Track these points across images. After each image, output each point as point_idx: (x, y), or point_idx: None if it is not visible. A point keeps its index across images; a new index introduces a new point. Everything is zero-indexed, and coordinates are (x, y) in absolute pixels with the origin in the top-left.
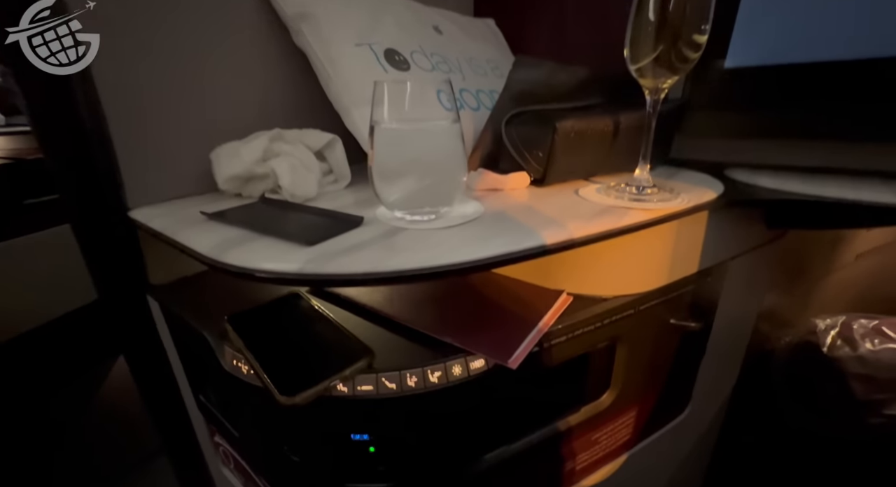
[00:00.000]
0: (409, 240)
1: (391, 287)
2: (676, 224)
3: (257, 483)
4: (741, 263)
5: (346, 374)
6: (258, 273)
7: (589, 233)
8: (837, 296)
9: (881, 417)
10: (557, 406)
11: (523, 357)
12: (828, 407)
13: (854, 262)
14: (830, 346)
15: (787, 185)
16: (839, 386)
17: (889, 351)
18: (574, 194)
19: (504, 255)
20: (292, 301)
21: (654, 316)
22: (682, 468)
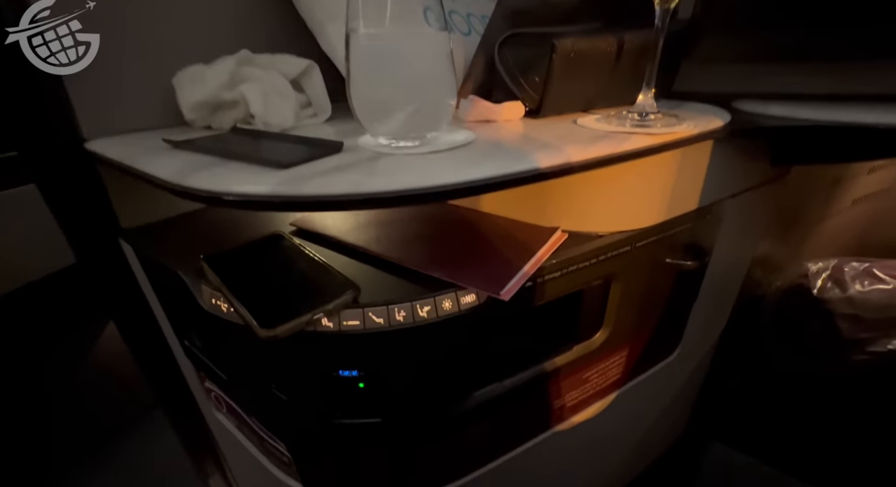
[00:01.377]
0: (392, 164)
1: (379, 225)
2: (679, 155)
3: (250, 424)
4: (741, 203)
5: (329, 308)
6: (226, 196)
7: (588, 158)
8: (832, 242)
9: (865, 354)
10: (550, 345)
11: (516, 289)
12: (815, 347)
13: (850, 208)
14: (821, 289)
15: (799, 113)
16: (827, 327)
17: (877, 292)
18: (572, 124)
19: (494, 178)
20: (274, 241)
21: (650, 255)
22: (668, 409)
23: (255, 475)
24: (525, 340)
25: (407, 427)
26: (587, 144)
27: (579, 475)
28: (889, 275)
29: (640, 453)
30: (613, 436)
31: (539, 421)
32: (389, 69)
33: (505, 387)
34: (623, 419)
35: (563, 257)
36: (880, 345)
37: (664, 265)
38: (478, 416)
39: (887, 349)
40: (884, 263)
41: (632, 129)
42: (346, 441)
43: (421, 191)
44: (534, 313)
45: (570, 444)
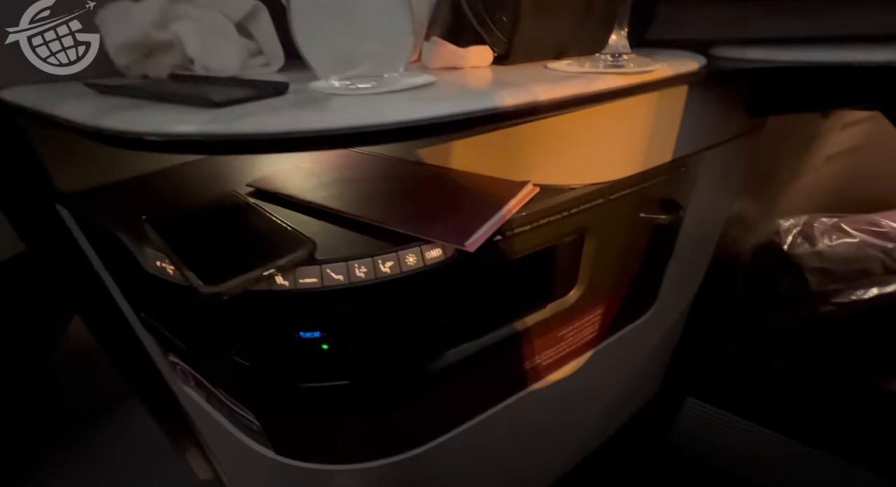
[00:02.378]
0: (341, 103)
1: (344, 184)
2: (654, 101)
3: (217, 396)
4: (716, 156)
5: (281, 264)
6: (147, 136)
7: (555, 96)
8: (806, 199)
9: (832, 305)
10: (524, 303)
11: (481, 241)
12: (786, 301)
13: (824, 165)
14: (791, 244)
15: (776, 56)
16: (797, 281)
17: (845, 245)
18: (543, 68)
19: (450, 116)
20: (225, 201)
21: (623, 208)
22: (644, 366)
23: (230, 447)
24: (499, 298)
25: (376, 390)
26: (555, 84)
27: (557, 432)
28: (856, 229)
29: (617, 410)
30: (590, 394)
31: (515, 380)
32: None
33: (479, 346)
34: (599, 376)
35: (533, 210)
36: (844, 297)
37: (638, 219)
38: (451, 376)
39: (850, 299)
40: (852, 218)
41: (605, 70)
42: (314, 405)
43: (370, 129)
44: (506, 269)
45: (547, 402)
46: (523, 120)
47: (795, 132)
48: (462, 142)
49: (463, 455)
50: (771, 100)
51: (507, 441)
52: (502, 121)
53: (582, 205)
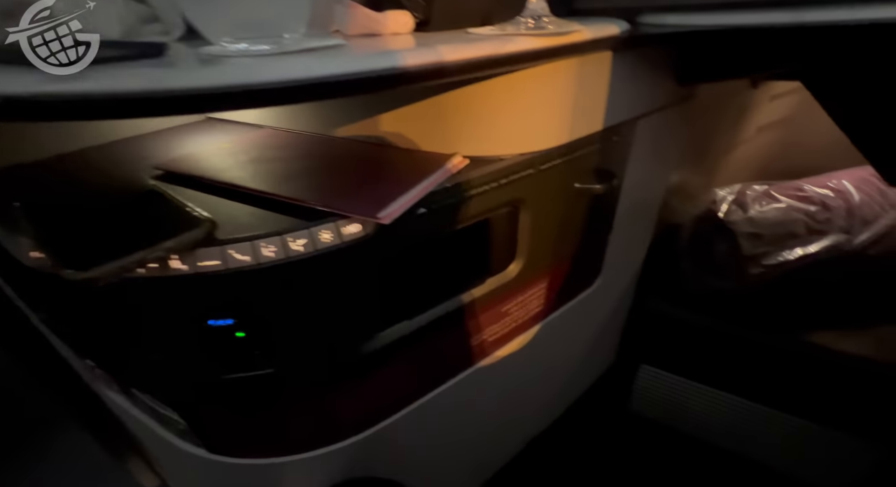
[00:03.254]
0: (220, 64)
1: (260, 163)
2: (578, 68)
3: (138, 396)
4: (650, 125)
5: (169, 246)
6: None
7: (464, 57)
8: (741, 169)
9: (762, 267)
10: (461, 279)
11: (398, 213)
12: (722, 265)
13: (756, 136)
14: (726, 211)
15: (698, 20)
16: (731, 246)
17: (773, 210)
18: (464, 33)
19: (342, 75)
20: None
21: (557, 179)
22: (596, 337)
23: (166, 451)
24: (434, 274)
25: (307, 376)
26: (466, 45)
27: (514, 406)
28: (783, 195)
29: (575, 380)
30: (543, 367)
31: (461, 358)
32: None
33: (416, 325)
34: (551, 349)
35: (460, 181)
36: (773, 258)
37: (573, 190)
38: (389, 357)
39: (778, 260)
40: (780, 185)
41: (525, 32)
42: (240, 398)
43: (239, 89)
44: (438, 244)
45: (498, 378)
46: (433, 82)
47: (727, 104)
48: (388, 116)
49: (415, 436)
50: (697, 68)
51: (462, 419)
52: (406, 83)
53: (512, 175)
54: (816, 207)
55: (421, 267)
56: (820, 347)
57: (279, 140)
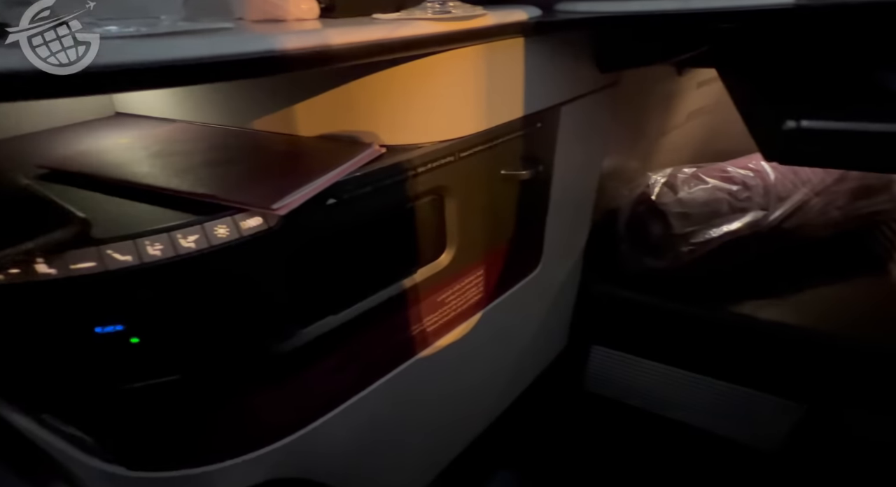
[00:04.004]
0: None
1: (159, 157)
2: (489, 54)
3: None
4: (575, 111)
5: (28, 248)
6: None
7: (350, 41)
8: (674, 154)
9: (690, 245)
10: (388, 270)
11: (296, 204)
12: (655, 245)
13: (686, 122)
14: (658, 194)
15: (607, 7)
16: (663, 226)
17: (700, 191)
18: (370, 19)
19: (208, 58)
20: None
21: (481, 166)
22: (543, 322)
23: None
24: (359, 266)
25: (217, 381)
26: (357, 29)
27: (458, 399)
28: (709, 177)
29: (523, 368)
30: (491, 352)
31: (395, 352)
32: None
33: (343, 319)
34: (495, 337)
35: (374, 169)
36: (701, 236)
37: (501, 177)
38: (314, 354)
39: (705, 238)
40: (707, 167)
41: (429, 16)
42: (147, 409)
43: (97, 70)
44: (361, 235)
45: (439, 370)
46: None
47: (654, 90)
48: (304, 106)
49: (353, 435)
50: (615, 55)
51: (404, 413)
52: (285, 68)
53: (431, 163)
54: (738, 187)
55: (343, 259)
56: (745, 316)
57: (187, 134)
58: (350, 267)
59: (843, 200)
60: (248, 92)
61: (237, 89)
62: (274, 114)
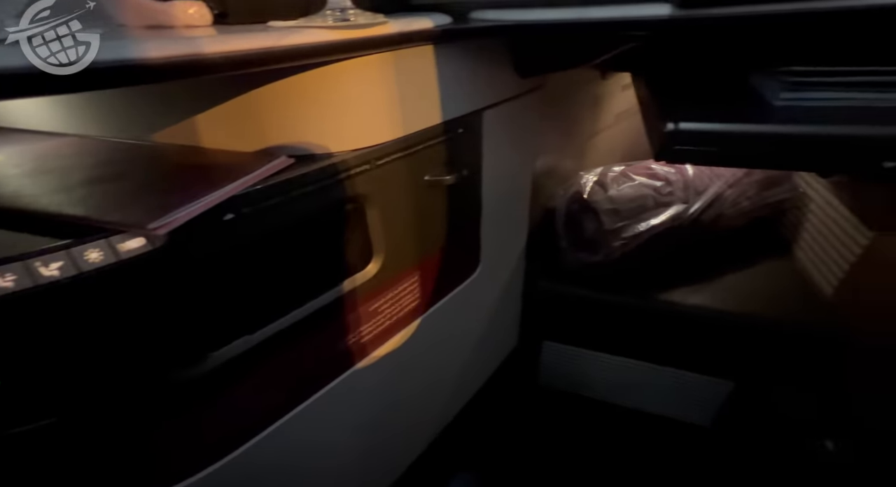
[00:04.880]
0: None
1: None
2: (397, 61)
3: None
4: (500, 115)
5: None
6: None
7: (227, 49)
8: (605, 154)
9: (621, 240)
10: (310, 284)
11: (180, 222)
12: (589, 241)
13: (615, 122)
14: (590, 192)
15: (512, 17)
16: (596, 222)
17: (628, 188)
18: (266, 26)
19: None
20: None
21: (402, 172)
22: (490, 322)
23: None
24: (275, 282)
25: (109, 418)
26: (240, 37)
27: (406, 407)
28: (636, 174)
29: (474, 370)
30: (433, 360)
31: (327, 366)
32: None
33: (261, 338)
34: (439, 342)
35: (278, 181)
36: (630, 230)
37: (425, 182)
38: (229, 377)
39: (634, 232)
40: (634, 166)
41: (327, 24)
42: (31, 454)
43: None
44: (274, 249)
45: (379, 380)
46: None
47: (581, 93)
48: (204, 117)
49: (289, 455)
50: (532, 61)
51: (345, 427)
52: (143, 80)
53: (344, 172)
54: (661, 183)
55: (253, 274)
56: (674, 303)
57: (73, 149)
58: (264, 283)
59: (752, 191)
60: (145, 100)
61: (133, 98)
62: (175, 124)
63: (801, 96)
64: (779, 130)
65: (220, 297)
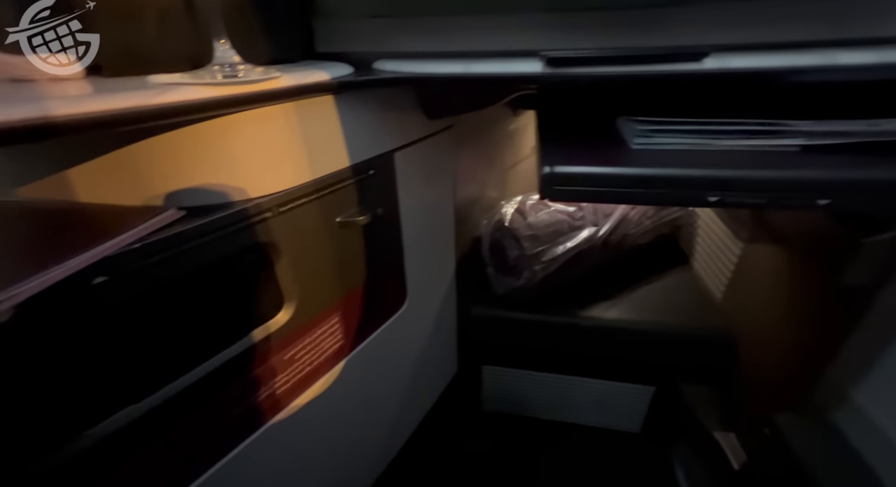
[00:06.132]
0: None
1: None
2: (295, 111)
3: None
4: (412, 154)
5: None
6: None
7: (84, 112)
8: (526, 182)
9: (541, 263)
10: (210, 339)
11: (28, 294)
12: (513, 266)
13: (532, 153)
14: (511, 220)
15: (414, 68)
16: (518, 248)
17: (545, 214)
18: (143, 80)
19: None
20: None
21: (310, 217)
22: (428, 351)
23: None
24: (168, 342)
25: None
26: (112, 95)
27: (341, 449)
28: (552, 202)
29: (413, 402)
30: (364, 400)
31: (240, 422)
32: None
33: (150, 405)
34: (369, 380)
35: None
36: (549, 254)
37: (338, 224)
38: (113, 452)
39: (553, 256)
40: None
41: (220, 81)
42: None
43: None
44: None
45: (305, 427)
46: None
47: (494, 128)
48: (80, 170)
49: None
50: (438, 104)
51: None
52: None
53: (242, 221)
54: (574, 208)
55: (138, 338)
56: (595, 318)
57: None
58: (150, 345)
59: (651, 211)
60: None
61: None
62: (48, 177)
63: (650, 141)
64: (632, 172)
65: (93, 366)
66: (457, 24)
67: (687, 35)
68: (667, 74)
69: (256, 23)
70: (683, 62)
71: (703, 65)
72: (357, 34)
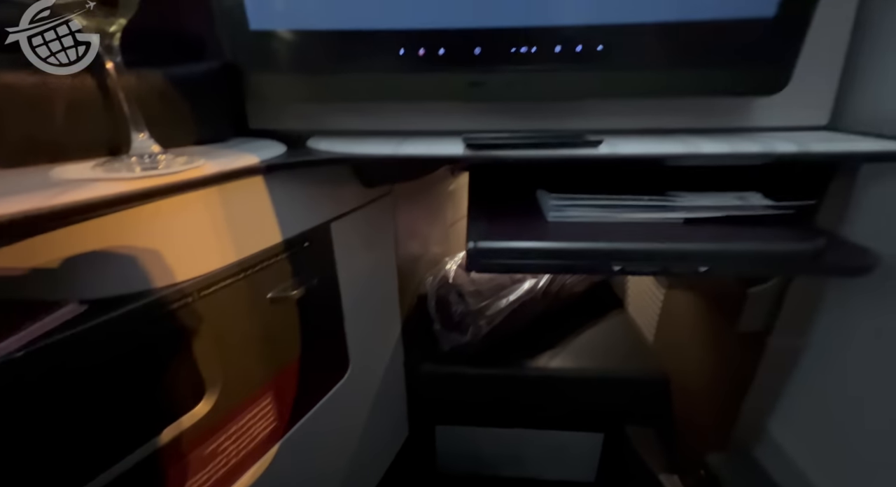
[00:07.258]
0: None
1: None
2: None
3: None
4: (350, 223)
5: None
6: None
7: None
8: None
9: (485, 317)
10: (108, 447)
11: None
12: (458, 321)
13: None
14: (454, 276)
15: (354, 149)
16: (462, 303)
17: None
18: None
19: None
20: None
21: (237, 296)
22: (376, 417)
23: None
24: (57, 453)
25: None
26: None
27: None
28: None
29: (365, 470)
30: (308, 481)
31: None
32: None
33: None
34: (316, 456)
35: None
36: (493, 308)
37: (269, 300)
38: None
39: (496, 309)
40: None
41: (138, 174)
42: None
43: None
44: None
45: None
46: None
47: (434, 190)
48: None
49: None
50: (372, 176)
51: None
52: None
53: (156, 310)
54: None
55: (26, 446)
56: (540, 368)
57: None
58: (39, 454)
59: None
60: None
61: None
62: None
63: (563, 214)
64: (547, 246)
65: None
66: (386, 108)
67: (584, 120)
68: (570, 158)
69: (183, 107)
70: (583, 148)
71: (598, 150)
72: (290, 113)
